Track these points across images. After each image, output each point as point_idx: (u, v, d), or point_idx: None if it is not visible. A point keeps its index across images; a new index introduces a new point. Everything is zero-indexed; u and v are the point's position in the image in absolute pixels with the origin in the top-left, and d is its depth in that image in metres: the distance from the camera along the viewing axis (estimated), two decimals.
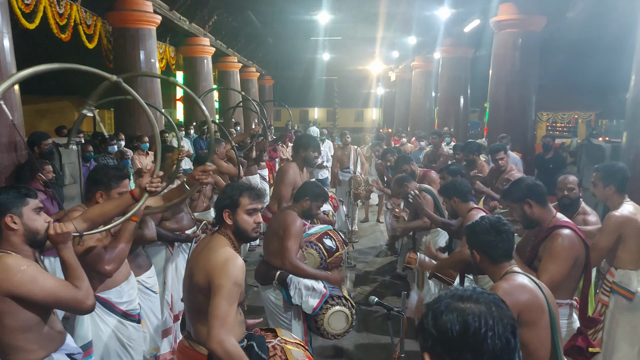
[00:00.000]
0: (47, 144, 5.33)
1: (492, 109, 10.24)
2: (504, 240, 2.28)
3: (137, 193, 2.52)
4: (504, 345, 1.10)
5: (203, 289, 2.29)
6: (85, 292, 2.23)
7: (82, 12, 8.28)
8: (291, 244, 3.52)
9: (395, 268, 6.79)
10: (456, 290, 1.20)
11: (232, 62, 16.93)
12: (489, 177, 5.70)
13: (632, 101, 5.54)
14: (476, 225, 2.36)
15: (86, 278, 2.27)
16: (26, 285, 2.07)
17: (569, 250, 2.75)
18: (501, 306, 1.15)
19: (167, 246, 4.24)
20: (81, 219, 2.46)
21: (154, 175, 2.52)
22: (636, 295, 3.38)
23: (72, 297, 2.19)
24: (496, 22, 9.78)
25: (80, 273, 2.25)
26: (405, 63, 20.05)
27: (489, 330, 1.09)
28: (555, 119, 19.12)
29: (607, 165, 3.67)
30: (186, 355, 2.44)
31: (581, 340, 2.85)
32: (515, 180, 3.12)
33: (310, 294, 3.62)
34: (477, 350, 1.08)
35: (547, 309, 2.16)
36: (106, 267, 2.77)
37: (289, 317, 3.71)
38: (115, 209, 2.54)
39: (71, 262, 2.24)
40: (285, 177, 4.72)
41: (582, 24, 10.77)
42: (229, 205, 2.43)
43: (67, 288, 2.19)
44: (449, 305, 1.14)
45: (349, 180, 8.33)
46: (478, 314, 1.11)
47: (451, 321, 1.10)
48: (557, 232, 2.79)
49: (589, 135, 12.67)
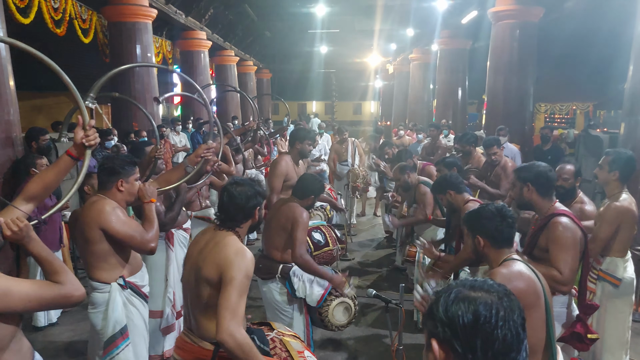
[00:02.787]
0: (44, 139, 5.32)
1: (490, 100, 10.22)
2: (509, 226, 2.32)
3: (75, 152, 2.35)
4: (513, 336, 1.10)
5: (213, 282, 2.29)
6: (70, 285, 1.99)
7: (77, 6, 8.22)
8: (301, 236, 3.53)
9: (393, 261, 6.80)
10: (466, 281, 1.20)
11: (229, 55, 16.85)
12: (484, 170, 5.70)
13: (630, 92, 5.53)
14: (482, 210, 2.40)
15: (67, 269, 2.03)
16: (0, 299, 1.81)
17: (572, 236, 2.77)
18: (512, 297, 1.17)
19: (167, 242, 4.25)
20: (23, 199, 2.27)
21: (86, 127, 2.32)
22: (622, 282, 3.47)
23: (56, 294, 1.96)
24: (494, 13, 9.74)
25: (58, 265, 2.00)
26: (403, 55, 20.00)
27: (500, 320, 1.10)
28: (553, 110, 19.13)
29: (618, 151, 3.68)
30: (188, 351, 2.42)
31: (580, 326, 2.88)
32: (531, 163, 3.14)
33: (315, 287, 3.64)
34: (487, 338, 1.09)
35: (542, 296, 2.18)
36: (152, 245, 3.00)
37: (291, 311, 3.71)
38: (57, 175, 2.36)
39: (44, 255, 1.99)
40: (277, 168, 4.72)
41: (580, 15, 10.75)
42: (260, 202, 2.52)
43: (48, 287, 1.96)
44: (459, 293, 1.15)
45: (347, 173, 8.32)
46: (490, 303, 1.12)
47: (463, 309, 1.11)
48: (555, 221, 2.81)
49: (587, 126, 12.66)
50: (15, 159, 4.97)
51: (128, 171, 3.02)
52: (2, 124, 4.91)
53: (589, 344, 2.89)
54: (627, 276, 3.50)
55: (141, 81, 8.83)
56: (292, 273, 3.63)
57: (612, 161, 3.52)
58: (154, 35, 10.55)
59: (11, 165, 4.92)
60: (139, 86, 8.57)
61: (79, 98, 2.34)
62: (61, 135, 3.19)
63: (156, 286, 4.17)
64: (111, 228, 2.85)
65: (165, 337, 4.13)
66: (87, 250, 2.94)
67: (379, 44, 20.65)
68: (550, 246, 2.81)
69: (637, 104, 5.40)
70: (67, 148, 2.40)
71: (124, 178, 3.01)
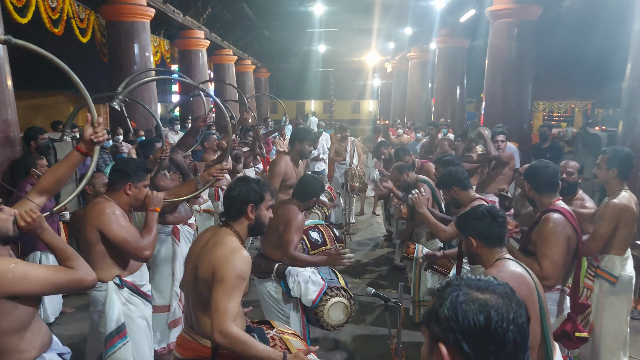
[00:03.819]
0: (43, 138, 5.33)
1: (488, 99, 10.22)
2: (500, 225, 2.34)
3: (84, 148, 2.47)
4: (522, 337, 1.10)
5: (208, 281, 2.30)
6: (82, 270, 2.18)
7: (74, 5, 8.21)
8: (292, 237, 3.51)
9: (392, 259, 6.81)
10: (469, 280, 1.17)
11: (227, 54, 16.84)
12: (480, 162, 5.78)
13: (628, 90, 5.54)
14: (472, 212, 2.42)
15: (78, 256, 2.22)
16: (20, 283, 2.02)
17: (559, 232, 2.79)
18: (515, 297, 1.15)
19: (173, 238, 4.31)
20: (36, 192, 2.42)
21: (95, 123, 2.40)
22: (619, 280, 3.46)
23: (70, 278, 2.14)
24: (492, 11, 9.74)
25: (70, 252, 2.19)
26: (402, 54, 19.99)
27: (511, 323, 1.09)
28: (551, 109, 19.15)
29: (615, 148, 3.69)
30: (188, 348, 2.43)
31: (569, 325, 2.89)
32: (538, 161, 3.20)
33: (310, 286, 3.63)
34: (499, 341, 1.07)
35: (535, 292, 2.20)
36: (146, 253, 3.01)
37: (287, 310, 3.71)
38: (67, 169, 2.50)
39: (56, 243, 2.18)
40: (275, 168, 4.71)
41: (577, 13, 10.74)
42: (256, 200, 2.47)
43: (63, 272, 2.15)
44: (467, 295, 1.12)
45: (344, 172, 8.32)
46: (500, 306, 1.10)
47: (473, 312, 1.08)
48: (546, 216, 2.85)
49: (585, 124, 12.68)
50: (14, 159, 4.96)
51: (139, 177, 3.07)
52: (0, 124, 4.91)
53: (577, 343, 2.89)
54: (625, 274, 3.49)
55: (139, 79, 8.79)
56: (287, 272, 3.63)
57: (609, 159, 3.52)
58: (152, 34, 10.54)
59: (10, 165, 4.92)
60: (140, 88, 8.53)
61: (88, 96, 2.39)
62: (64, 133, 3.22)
63: (163, 281, 4.26)
64: (108, 231, 2.90)
65: (172, 330, 4.20)
66: (86, 249, 2.97)
67: (377, 42, 20.66)
68: (537, 241, 2.85)
69: (635, 102, 5.40)
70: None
71: (134, 182, 3.04)
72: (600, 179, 3.63)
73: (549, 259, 2.76)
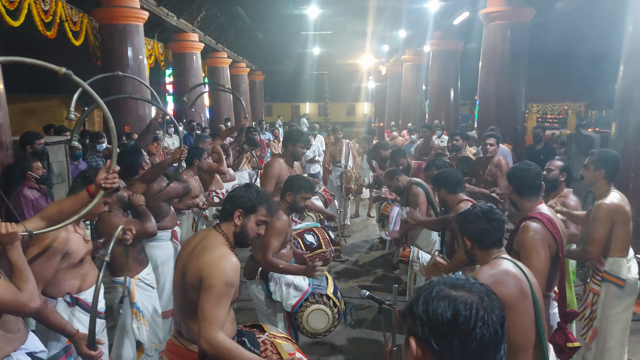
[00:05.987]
0: (40, 143, 5.31)
1: (482, 101, 10.26)
2: (495, 228, 2.31)
3: (93, 189, 2.43)
4: (492, 335, 1.10)
5: (195, 287, 2.26)
6: (28, 295, 2.13)
7: (67, 8, 8.17)
8: (271, 241, 3.45)
9: (387, 261, 6.80)
10: (449, 278, 1.19)
11: (221, 57, 16.83)
12: (476, 166, 5.75)
13: (621, 92, 5.57)
14: (468, 213, 2.40)
15: (33, 281, 2.18)
16: None
17: (539, 240, 2.76)
18: (492, 297, 1.16)
19: (173, 240, 4.29)
20: (39, 217, 2.45)
21: (110, 171, 2.40)
22: (627, 282, 3.43)
23: (13, 299, 2.08)
24: (485, 14, 9.79)
25: (26, 275, 2.16)
26: (396, 57, 20.04)
27: (479, 320, 1.09)
28: (545, 110, 19.23)
29: (602, 150, 3.72)
30: (177, 354, 2.41)
31: (560, 336, 2.84)
32: (520, 163, 3.18)
33: (291, 291, 3.57)
34: (465, 338, 1.09)
35: (530, 294, 2.17)
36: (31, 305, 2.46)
37: (273, 312, 3.68)
38: (72, 206, 2.47)
39: (18, 263, 2.15)
40: (268, 170, 4.68)
41: (570, 16, 10.81)
42: (246, 207, 2.42)
43: (9, 289, 2.09)
44: (440, 291, 1.14)
45: (340, 174, 8.31)
46: (470, 303, 1.11)
47: (442, 308, 1.10)
48: (524, 225, 2.82)
49: (579, 126, 12.74)
50: (7, 163, 4.93)
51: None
52: None
53: (569, 353, 2.84)
54: (631, 276, 3.46)
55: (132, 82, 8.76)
56: (270, 276, 3.59)
57: (597, 160, 3.53)
58: (146, 37, 10.51)
59: (4, 169, 4.88)
60: (129, 88, 8.50)
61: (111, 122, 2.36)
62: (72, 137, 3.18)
63: (167, 285, 4.20)
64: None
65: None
66: None
67: (372, 45, 20.71)
68: (519, 250, 2.82)
69: (628, 103, 5.43)
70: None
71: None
72: (588, 180, 3.63)
73: (533, 267, 2.69)
